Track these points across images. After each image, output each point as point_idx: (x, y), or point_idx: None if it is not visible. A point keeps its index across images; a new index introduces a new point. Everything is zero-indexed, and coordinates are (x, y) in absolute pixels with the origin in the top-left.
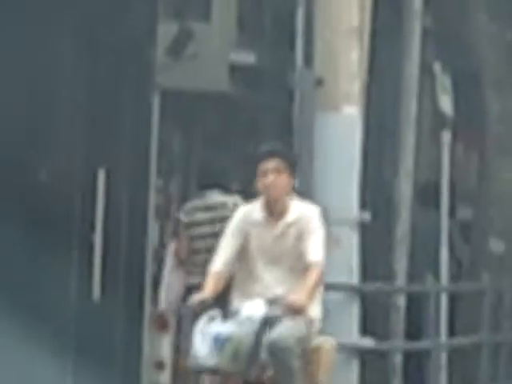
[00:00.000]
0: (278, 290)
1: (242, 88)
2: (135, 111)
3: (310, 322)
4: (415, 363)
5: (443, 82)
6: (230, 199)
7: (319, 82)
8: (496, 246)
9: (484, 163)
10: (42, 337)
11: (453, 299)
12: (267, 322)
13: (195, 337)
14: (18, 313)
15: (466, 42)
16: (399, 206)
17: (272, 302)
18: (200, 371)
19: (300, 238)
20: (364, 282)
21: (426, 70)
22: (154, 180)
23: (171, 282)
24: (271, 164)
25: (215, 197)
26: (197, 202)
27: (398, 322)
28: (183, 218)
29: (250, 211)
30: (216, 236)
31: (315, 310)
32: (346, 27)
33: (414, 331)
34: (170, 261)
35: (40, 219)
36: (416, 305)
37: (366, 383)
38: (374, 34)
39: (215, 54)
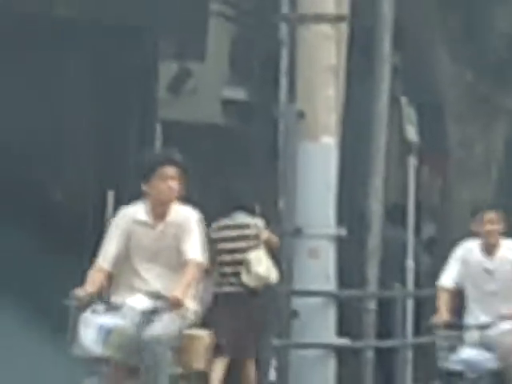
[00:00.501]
0: (157, 285)
1: (233, 120)
2: (140, 140)
3: (186, 314)
4: (385, 359)
5: (409, 113)
6: (253, 220)
7: (301, 115)
8: None
9: (446, 185)
10: (57, 355)
11: (417, 303)
12: (148, 315)
13: (82, 328)
14: (32, 331)
15: (430, 80)
16: (371, 223)
17: (153, 296)
18: (87, 359)
19: (179, 238)
20: (340, 288)
21: (394, 104)
22: None
23: None
24: (171, 171)
25: (241, 218)
26: (225, 221)
27: (370, 323)
28: (212, 234)
29: (133, 212)
30: (241, 251)
31: (191, 304)
32: (324, 67)
33: (383, 331)
34: None
35: (54, 237)
36: (386, 308)
37: (342, 377)
38: (349, 73)
39: (210, 90)
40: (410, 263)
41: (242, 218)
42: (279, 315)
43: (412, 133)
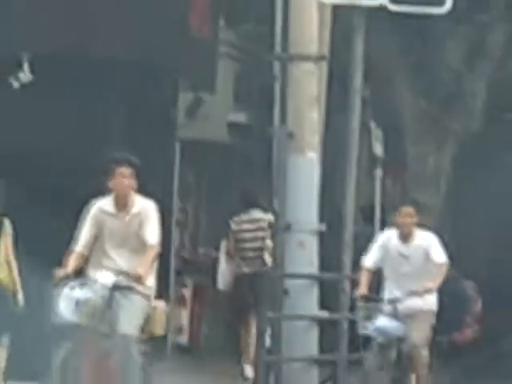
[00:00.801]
0: (124, 265)
1: (237, 139)
2: (163, 156)
3: (148, 292)
4: (358, 329)
5: (377, 134)
6: (266, 216)
7: (290, 135)
8: None
9: (404, 191)
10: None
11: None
12: (115, 289)
13: (61, 301)
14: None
15: (393, 108)
16: (346, 220)
17: (119, 273)
18: (65, 327)
19: (141, 225)
20: (321, 272)
21: (364, 127)
22: (176, 202)
23: (224, 269)
24: (127, 170)
25: (256, 213)
26: (244, 216)
27: (345, 299)
28: (233, 226)
29: (103, 205)
30: (257, 240)
31: (151, 280)
32: (309, 97)
33: (356, 306)
34: (223, 254)
35: None
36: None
37: (323, 343)
38: (328, 102)
39: (218, 115)
40: None
41: (257, 213)
42: (274, 293)
43: (379, 150)
